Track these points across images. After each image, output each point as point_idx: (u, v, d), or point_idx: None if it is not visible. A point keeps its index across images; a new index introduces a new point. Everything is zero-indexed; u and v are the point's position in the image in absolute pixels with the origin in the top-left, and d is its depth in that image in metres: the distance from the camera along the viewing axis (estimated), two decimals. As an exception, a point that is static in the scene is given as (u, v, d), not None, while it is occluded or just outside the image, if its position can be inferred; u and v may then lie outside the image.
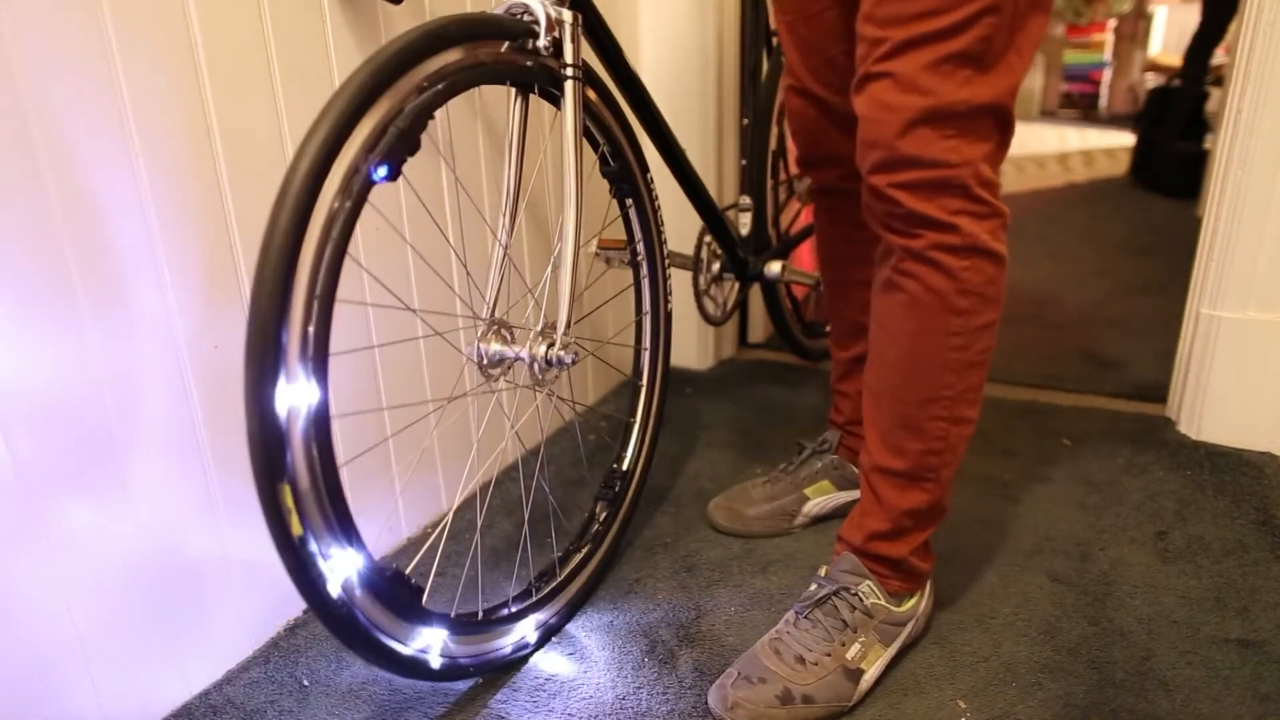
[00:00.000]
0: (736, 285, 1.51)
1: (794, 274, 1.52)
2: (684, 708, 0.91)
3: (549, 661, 0.99)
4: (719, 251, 1.44)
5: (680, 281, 1.75)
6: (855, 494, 1.24)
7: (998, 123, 0.81)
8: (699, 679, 0.95)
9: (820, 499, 1.23)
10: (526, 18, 0.88)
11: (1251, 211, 1.32)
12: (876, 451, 0.94)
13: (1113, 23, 6.07)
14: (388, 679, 0.96)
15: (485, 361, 0.91)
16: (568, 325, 0.93)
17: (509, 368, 0.93)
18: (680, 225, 1.72)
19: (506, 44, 0.86)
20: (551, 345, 0.92)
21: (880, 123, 0.80)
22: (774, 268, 1.47)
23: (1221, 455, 1.38)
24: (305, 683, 0.95)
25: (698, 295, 1.41)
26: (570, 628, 1.05)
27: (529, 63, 0.88)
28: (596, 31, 1.03)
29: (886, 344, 0.90)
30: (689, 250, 1.41)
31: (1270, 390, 1.37)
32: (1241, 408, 1.40)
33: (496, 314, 0.93)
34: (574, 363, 0.93)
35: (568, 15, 0.90)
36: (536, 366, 0.92)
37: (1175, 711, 0.88)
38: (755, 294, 1.94)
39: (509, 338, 0.92)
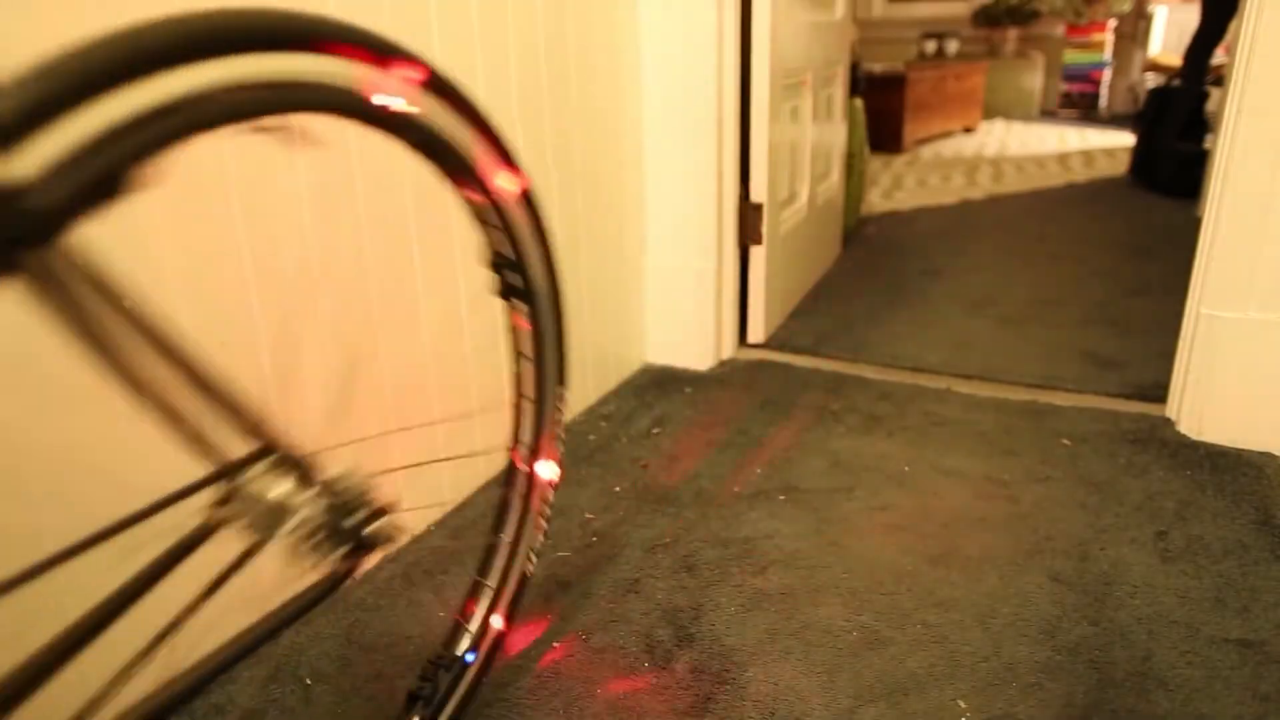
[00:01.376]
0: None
1: None
2: (682, 707, 0.91)
3: (554, 660, 0.99)
4: None
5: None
6: None
7: None
8: (697, 679, 0.95)
9: None
10: None
11: (1251, 211, 1.32)
12: None
13: (1113, 23, 6.08)
14: (390, 678, 0.96)
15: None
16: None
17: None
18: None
19: None
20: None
21: None
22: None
23: (1221, 455, 1.38)
24: (308, 681, 0.95)
25: None
26: (572, 627, 1.05)
27: None
28: None
29: None
30: None
31: (1270, 390, 1.37)
32: (1241, 408, 1.40)
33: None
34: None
35: None
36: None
37: (1175, 711, 0.88)
38: (758, 278, 1.93)
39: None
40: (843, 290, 2.35)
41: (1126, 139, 4.63)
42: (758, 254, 1.89)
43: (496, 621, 0.85)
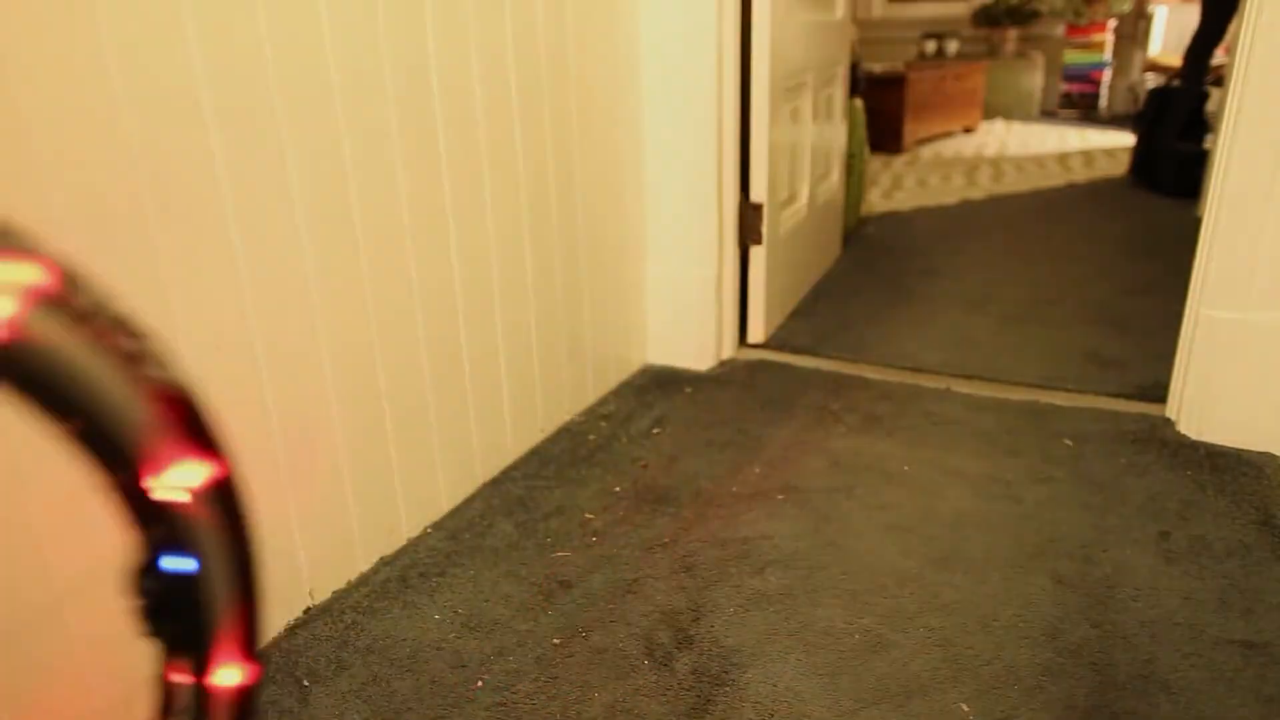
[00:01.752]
0: None
1: None
2: (682, 709, 0.91)
3: (552, 661, 0.98)
4: None
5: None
6: None
7: None
8: (697, 680, 0.95)
9: None
10: None
11: (1251, 211, 1.32)
12: None
13: (1113, 23, 6.07)
14: (386, 680, 0.96)
15: None
16: None
17: None
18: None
19: None
20: None
21: None
22: None
23: (1221, 455, 1.38)
24: (305, 683, 0.95)
25: None
26: (571, 627, 1.04)
27: None
28: None
29: None
30: None
31: (1270, 390, 1.36)
32: (1241, 408, 1.39)
33: None
34: None
35: None
36: None
37: (1178, 714, 0.88)
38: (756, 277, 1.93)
39: None
40: (843, 290, 2.34)
41: (1126, 139, 4.62)
42: (758, 254, 1.88)
43: (189, 475, 0.41)
